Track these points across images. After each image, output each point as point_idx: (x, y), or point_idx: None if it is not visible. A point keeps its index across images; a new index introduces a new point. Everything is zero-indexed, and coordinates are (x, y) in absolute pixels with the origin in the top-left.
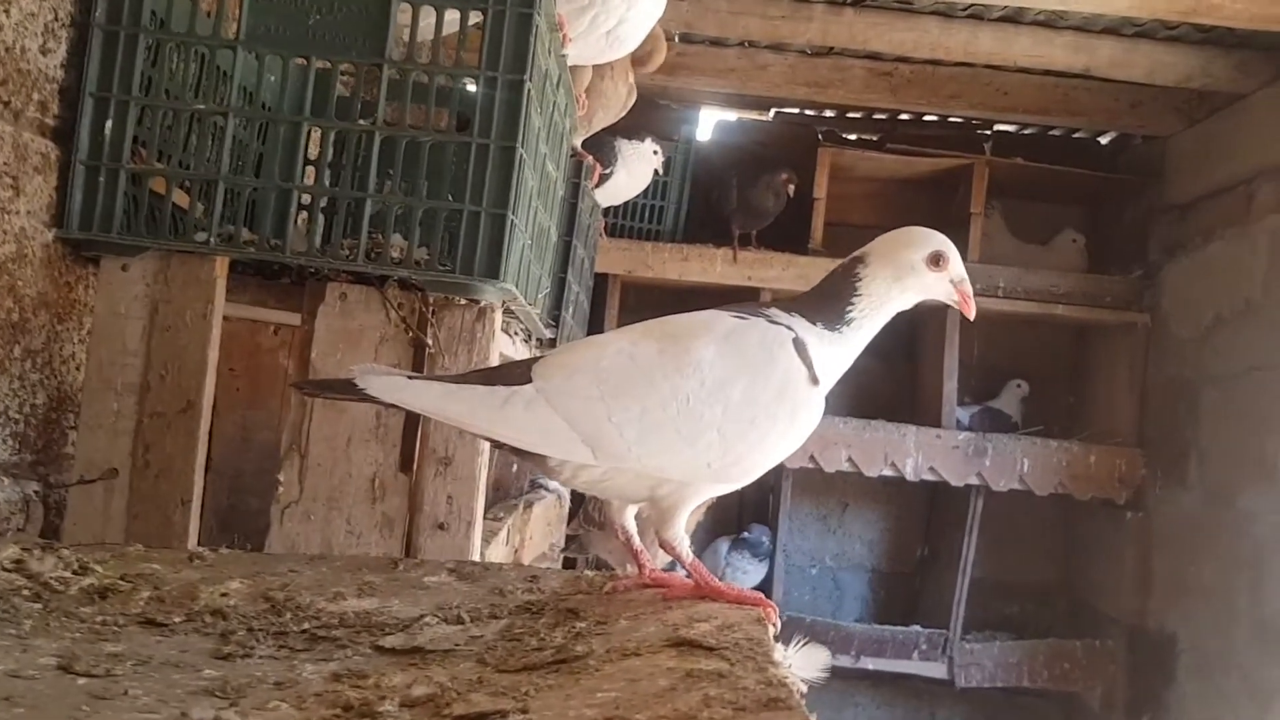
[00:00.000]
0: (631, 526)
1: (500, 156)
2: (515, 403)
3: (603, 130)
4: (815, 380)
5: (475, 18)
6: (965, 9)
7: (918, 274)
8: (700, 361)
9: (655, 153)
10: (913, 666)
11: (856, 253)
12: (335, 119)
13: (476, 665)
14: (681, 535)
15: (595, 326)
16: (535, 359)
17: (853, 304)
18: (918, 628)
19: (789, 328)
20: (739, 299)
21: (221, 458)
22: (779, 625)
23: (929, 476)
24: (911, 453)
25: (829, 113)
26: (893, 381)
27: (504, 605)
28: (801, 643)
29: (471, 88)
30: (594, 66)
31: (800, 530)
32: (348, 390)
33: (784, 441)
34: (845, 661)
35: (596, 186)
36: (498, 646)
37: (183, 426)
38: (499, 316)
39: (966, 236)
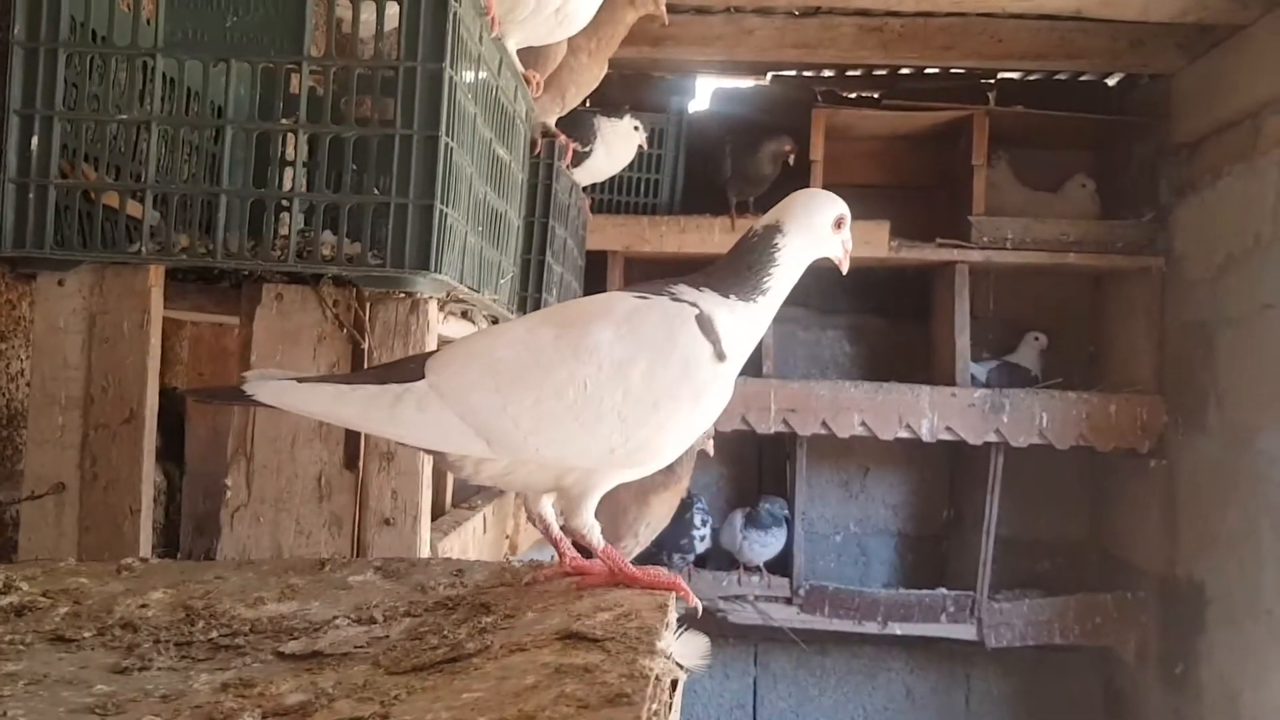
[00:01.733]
0: (549, 514)
1: (424, 147)
2: (407, 400)
3: (582, 108)
4: (722, 356)
5: (392, 9)
6: None
7: (825, 237)
8: (598, 345)
9: (636, 129)
10: (941, 630)
11: (769, 220)
12: (258, 120)
13: (369, 668)
14: (591, 523)
15: None
16: (430, 353)
17: (770, 273)
18: (944, 590)
19: (694, 304)
20: None
21: (196, 461)
22: (697, 605)
23: (946, 436)
24: (927, 413)
25: (827, 73)
26: (906, 341)
27: (422, 602)
28: (681, 630)
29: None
30: (570, 44)
31: (821, 497)
32: (236, 397)
33: (690, 422)
34: (872, 628)
35: (575, 165)
36: (397, 647)
37: (128, 437)
38: (433, 308)
39: (970, 188)
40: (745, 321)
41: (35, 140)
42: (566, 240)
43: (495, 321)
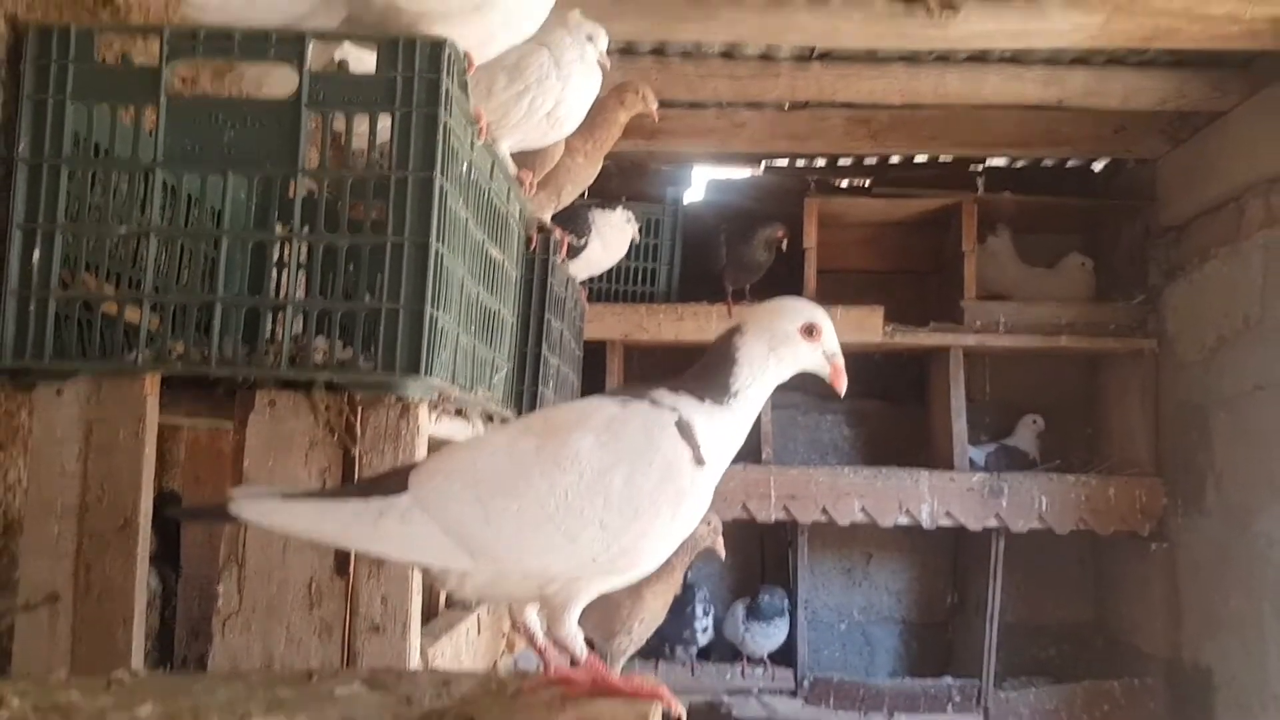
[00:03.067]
0: (533, 623)
1: (414, 254)
2: (390, 515)
3: (577, 201)
4: (701, 461)
5: (384, 125)
6: (930, 54)
7: (791, 344)
8: (578, 453)
9: (629, 220)
10: None
11: (734, 323)
12: (254, 230)
13: None
14: (574, 631)
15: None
16: (414, 465)
17: (733, 374)
18: (949, 679)
19: (673, 409)
20: None
21: (192, 566)
22: (681, 712)
23: (946, 522)
24: (926, 498)
25: (819, 162)
26: (904, 424)
27: (407, 715)
28: None
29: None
30: (566, 144)
31: (824, 585)
32: (221, 515)
33: (671, 528)
34: None
35: (571, 258)
36: None
37: (121, 545)
38: (424, 411)
39: (962, 273)
40: (722, 425)
41: (37, 254)
42: (563, 333)
43: (491, 419)
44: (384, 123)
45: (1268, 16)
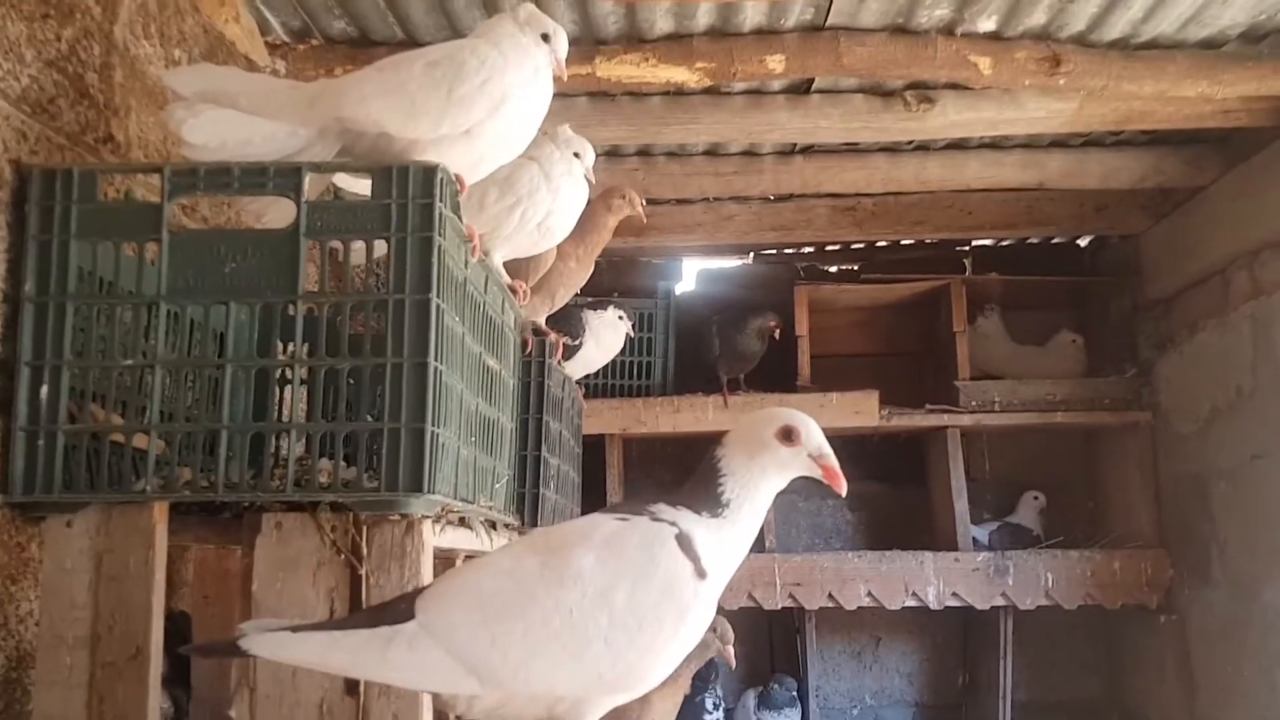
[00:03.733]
0: None
1: (414, 373)
2: (398, 643)
3: (569, 303)
4: (703, 574)
5: (380, 247)
6: (910, 143)
7: (771, 450)
8: (580, 571)
9: (621, 318)
10: None
11: (718, 439)
12: (256, 357)
13: None
14: None
15: (595, 488)
16: (420, 590)
17: (721, 485)
18: None
19: (672, 523)
20: None
21: (203, 686)
22: None
23: (953, 602)
24: (932, 580)
25: (807, 248)
26: (906, 504)
27: None
28: None
29: None
30: (559, 250)
31: (834, 670)
32: (233, 651)
33: (676, 642)
34: None
35: (567, 359)
36: None
37: (133, 674)
38: (428, 527)
39: (955, 353)
40: (721, 536)
41: (45, 389)
42: (561, 432)
43: (494, 526)
44: (357, 248)
45: (1239, 95)
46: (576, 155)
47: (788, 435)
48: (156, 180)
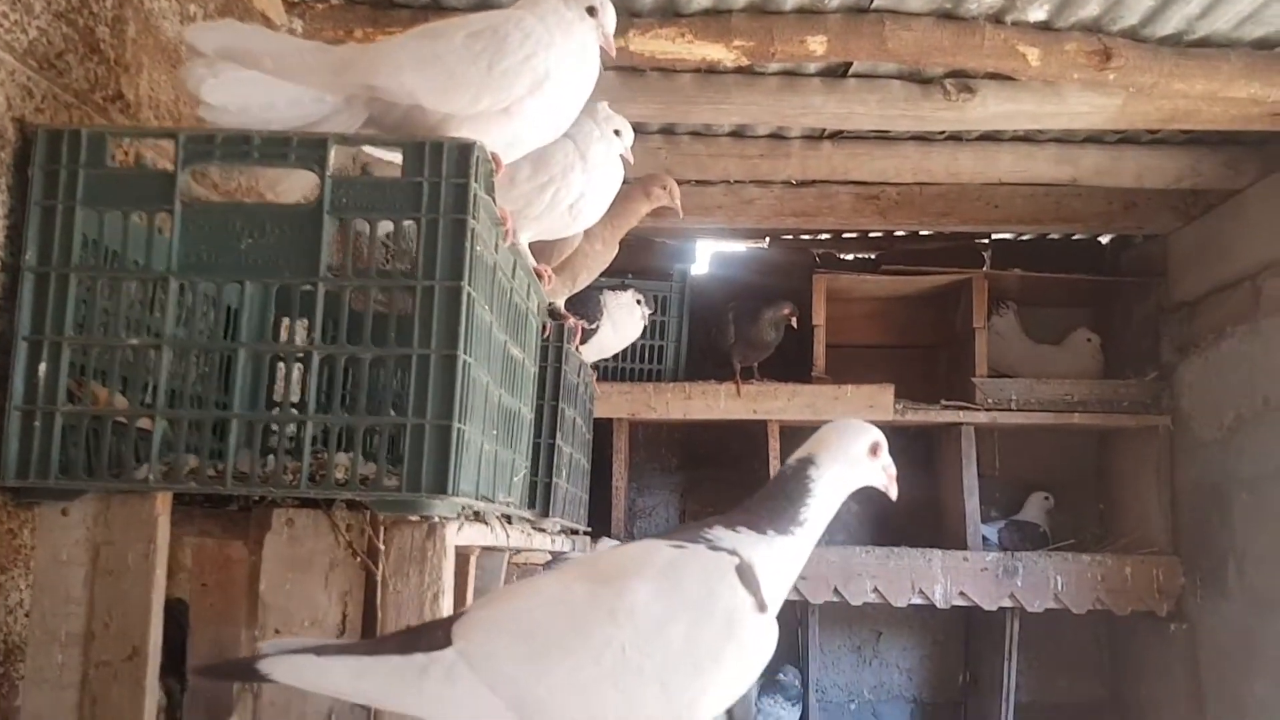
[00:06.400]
0: None
1: (442, 365)
2: (434, 673)
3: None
4: (763, 607)
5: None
6: (942, 133)
7: (863, 466)
8: (634, 606)
9: (639, 302)
10: None
11: (802, 453)
12: (271, 342)
13: None
14: None
15: (603, 472)
16: (458, 614)
17: (807, 504)
18: None
19: (732, 551)
20: (746, 431)
21: (197, 679)
22: None
23: (960, 602)
24: (939, 578)
25: (824, 235)
26: (915, 504)
27: None
28: None
29: None
30: (585, 231)
31: (834, 664)
32: (251, 674)
33: (734, 684)
34: None
35: (583, 343)
36: None
37: (129, 675)
38: (451, 530)
39: (972, 349)
40: (783, 557)
41: (44, 366)
42: (575, 419)
43: (509, 520)
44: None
45: None
46: (617, 133)
47: (875, 449)
48: (168, 145)
